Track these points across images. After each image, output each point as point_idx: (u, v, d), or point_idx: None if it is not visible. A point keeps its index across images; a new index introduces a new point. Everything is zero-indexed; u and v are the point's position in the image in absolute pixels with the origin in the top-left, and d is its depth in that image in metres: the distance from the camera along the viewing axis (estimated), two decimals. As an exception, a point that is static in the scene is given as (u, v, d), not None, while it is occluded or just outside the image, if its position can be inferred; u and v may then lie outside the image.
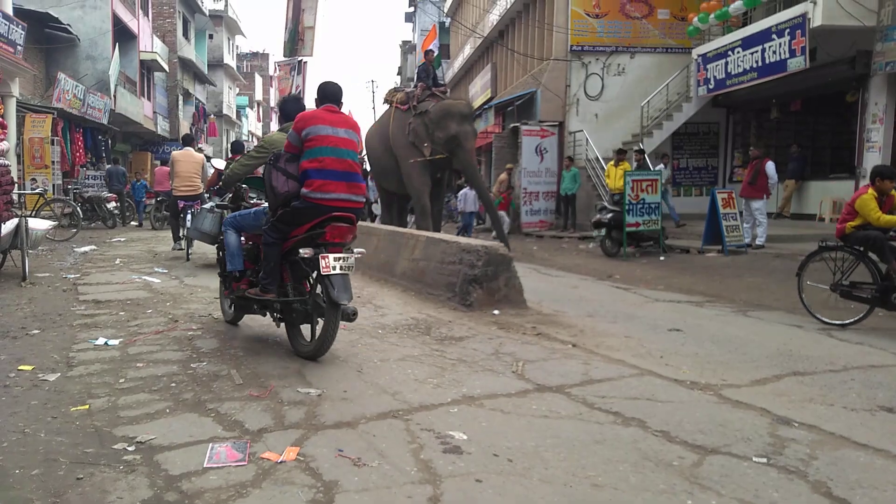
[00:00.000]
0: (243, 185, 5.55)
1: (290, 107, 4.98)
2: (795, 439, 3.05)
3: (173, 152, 10.68)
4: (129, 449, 2.85)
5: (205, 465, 2.69)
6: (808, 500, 2.47)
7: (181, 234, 10.24)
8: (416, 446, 2.91)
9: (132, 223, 18.55)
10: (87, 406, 3.39)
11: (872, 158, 12.67)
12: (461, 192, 17.08)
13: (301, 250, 4.25)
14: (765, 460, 2.81)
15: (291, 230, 4.43)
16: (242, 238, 4.90)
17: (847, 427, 3.22)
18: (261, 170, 4.84)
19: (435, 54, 14.34)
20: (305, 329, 4.51)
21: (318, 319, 4.37)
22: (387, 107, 14.09)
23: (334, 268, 4.17)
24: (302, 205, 4.31)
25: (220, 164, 8.11)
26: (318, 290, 4.37)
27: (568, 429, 3.15)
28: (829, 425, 3.24)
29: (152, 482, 2.54)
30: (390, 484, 2.55)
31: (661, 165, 15.10)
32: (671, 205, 15.06)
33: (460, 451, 2.86)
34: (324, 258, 4.16)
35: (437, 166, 12.54)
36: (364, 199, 4.70)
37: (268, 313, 4.76)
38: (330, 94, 4.60)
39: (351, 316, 4.24)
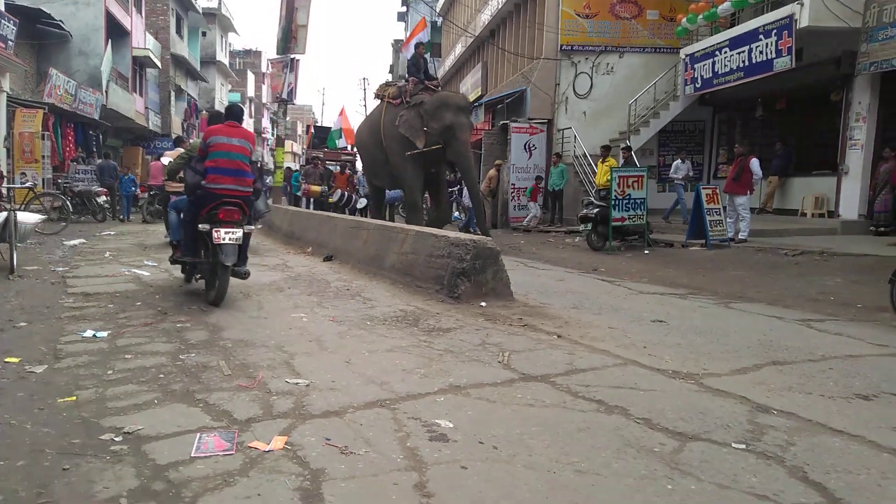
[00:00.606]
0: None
1: (213, 121, 6.55)
2: (774, 426, 3.11)
3: (166, 152, 12.54)
4: (117, 439, 2.86)
5: (192, 455, 2.70)
6: (785, 484, 2.52)
7: None
8: (403, 434, 2.95)
9: (120, 217, 18.45)
10: (74, 397, 3.40)
11: (855, 156, 12.85)
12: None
13: (200, 225, 5.82)
14: (744, 446, 2.86)
15: (199, 211, 5.91)
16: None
17: (824, 414, 3.28)
18: None
19: (424, 46, 14.10)
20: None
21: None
22: (378, 102, 13.87)
23: (223, 238, 5.70)
24: (203, 193, 5.88)
25: (167, 160, 9.82)
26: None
27: (552, 417, 3.20)
28: (806, 413, 3.30)
29: (139, 472, 2.56)
30: (377, 471, 2.58)
31: (679, 161, 15.38)
32: (682, 199, 15.23)
33: (446, 438, 2.90)
34: (216, 231, 5.71)
35: (431, 159, 12.32)
36: (250, 190, 6.12)
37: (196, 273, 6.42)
38: (232, 112, 6.37)
39: (242, 275, 5.98)
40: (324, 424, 3.06)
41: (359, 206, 18.67)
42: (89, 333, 4.74)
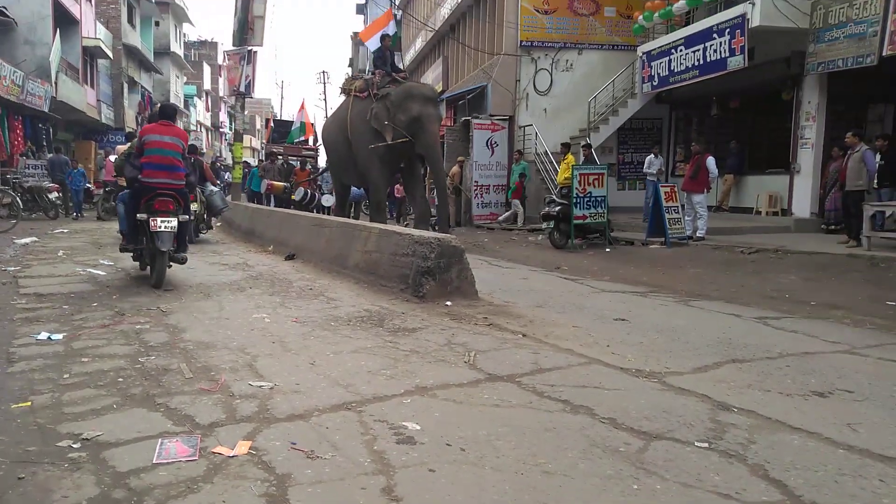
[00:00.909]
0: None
1: (151, 119, 7.62)
2: (735, 424, 3.18)
3: (117, 147, 13.03)
4: (75, 446, 2.78)
5: (154, 461, 2.64)
6: (748, 482, 2.58)
7: None
8: (370, 437, 2.93)
9: (72, 215, 17.97)
10: (29, 403, 3.30)
11: (805, 155, 13.23)
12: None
13: (138, 215, 6.52)
14: (706, 445, 2.92)
15: (138, 202, 6.57)
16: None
17: (783, 412, 3.37)
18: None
19: (391, 37, 13.85)
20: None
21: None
22: (343, 99, 13.65)
23: (159, 226, 6.41)
24: (139, 186, 6.62)
25: (113, 157, 11.08)
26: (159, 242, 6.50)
27: (519, 417, 3.21)
28: (765, 410, 3.38)
29: (99, 479, 2.49)
30: (344, 476, 2.56)
31: (652, 156, 15.04)
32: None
33: (413, 441, 2.90)
34: (152, 220, 6.42)
35: (399, 154, 12.02)
36: (183, 183, 6.79)
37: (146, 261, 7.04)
38: (165, 112, 7.16)
39: (180, 260, 6.86)
40: (289, 428, 3.02)
41: (325, 203, 18.34)
42: (44, 336, 4.60)
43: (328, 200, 18.04)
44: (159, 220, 6.45)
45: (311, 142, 24.09)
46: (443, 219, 12.50)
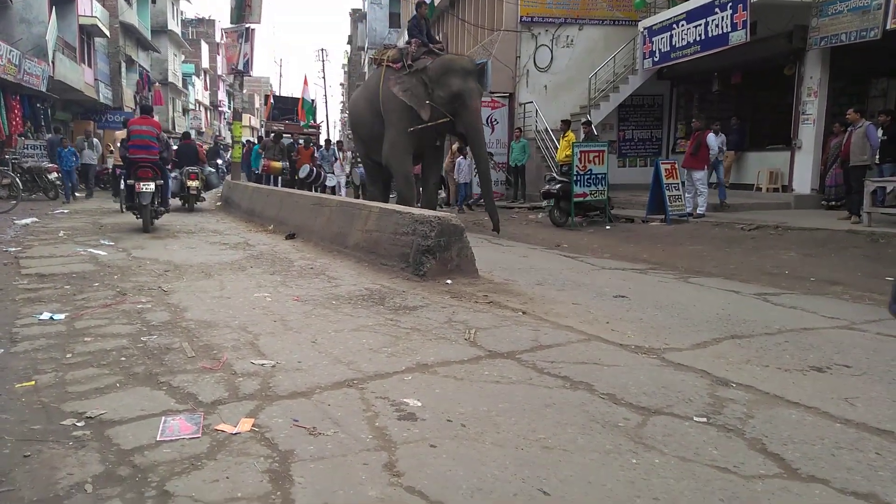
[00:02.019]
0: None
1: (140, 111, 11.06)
2: (733, 399, 3.20)
3: (116, 133, 14.88)
4: (79, 424, 2.80)
5: (158, 439, 2.67)
6: (745, 455, 2.61)
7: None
8: (371, 414, 2.96)
9: (77, 195, 17.72)
10: (33, 382, 3.32)
11: (807, 131, 13.16)
12: (457, 159, 16.20)
13: (128, 182, 9.81)
14: (705, 420, 2.95)
15: (129, 173, 9.80)
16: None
17: (781, 387, 3.40)
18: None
19: (427, 4, 12.72)
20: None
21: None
22: (374, 71, 12.58)
23: (141, 188, 9.57)
24: (128, 160, 9.88)
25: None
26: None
27: (519, 393, 3.24)
28: (764, 385, 3.41)
29: (103, 457, 2.52)
30: (346, 452, 2.59)
31: (712, 134, 12.58)
32: (721, 178, 13.30)
33: (415, 417, 2.92)
34: (137, 185, 9.58)
35: (434, 133, 11.25)
36: (156, 157, 9.86)
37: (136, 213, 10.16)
38: (144, 109, 10.83)
39: (157, 213, 10.27)
40: (291, 405, 3.05)
41: (329, 183, 17.94)
42: (46, 316, 4.62)
43: (332, 180, 17.83)
44: (141, 184, 9.58)
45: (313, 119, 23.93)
46: (489, 201, 11.34)
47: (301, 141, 20.07)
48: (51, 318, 4.59)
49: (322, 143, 22.09)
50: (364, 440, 2.69)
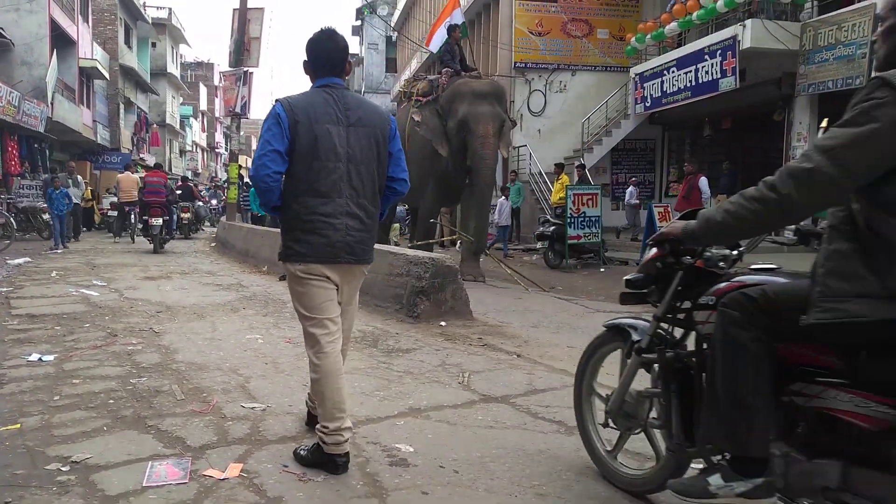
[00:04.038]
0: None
1: (149, 170, 17.35)
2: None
3: (118, 176, 16.86)
4: (64, 469, 2.75)
5: (144, 485, 2.62)
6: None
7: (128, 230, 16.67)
8: (363, 460, 2.91)
9: (54, 246, 13.72)
10: (18, 425, 3.26)
11: (799, 175, 13.29)
12: (497, 201, 15.03)
13: (144, 217, 13.82)
14: (703, 465, 2.90)
15: (144, 211, 13.82)
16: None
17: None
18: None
19: (459, 27, 11.40)
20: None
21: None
22: (403, 106, 11.61)
23: (152, 222, 13.45)
24: (143, 203, 14.14)
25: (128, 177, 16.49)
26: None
27: (513, 439, 3.20)
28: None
29: (87, 503, 2.47)
30: (336, 499, 2.54)
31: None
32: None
33: (407, 463, 2.88)
34: (150, 220, 13.48)
35: (459, 170, 9.89)
36: (163, 200, 13.95)
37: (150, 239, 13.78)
38: (156, 165, 17.75)
39: (165, 240, 14.13)
40: (281, 450, 3.01)
41: None
42: (35, 357, 4.56)
43: None
44: (152, 219, 13.45)
45: None
46: (479, 246, 10.25)
47: None
48: (40, 359, 4.54)
49: None
50: (355, 487, 2.64)
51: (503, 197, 15.39)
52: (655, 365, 2.52)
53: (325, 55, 2.92)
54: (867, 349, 1.80)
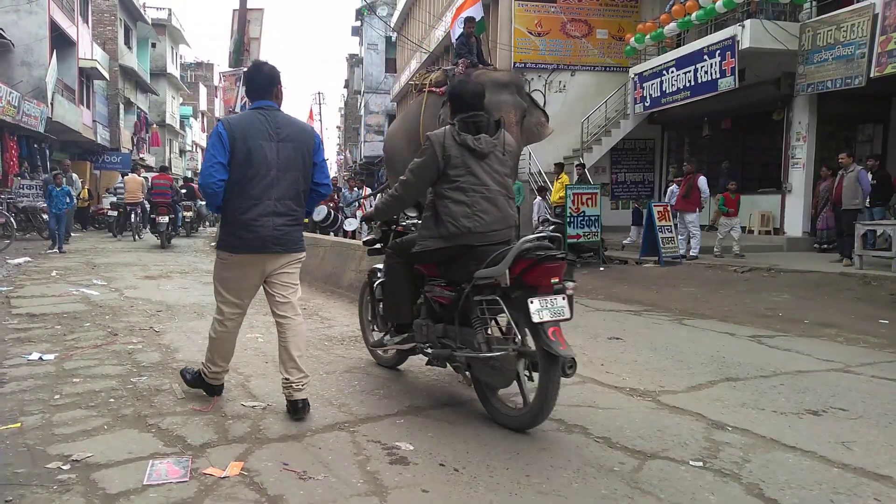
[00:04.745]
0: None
1: (159, 170, 18.91)
2: (729, 443, 3.17)
3: (124, 177, 17.90)
4: (64, 468, 2.75)
5: (144, 483, 2.62)
6: (742, 501, 2.57)
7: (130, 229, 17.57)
8: (363, 458, 2.91)
9: (52, 247, 13.20)
10: (18, 424, 3.26)
11: (797, 175, 13.33)
12: (535, 200, 14.90)
13: (152, 215, 15.61)
14: (701, 464, 2.91)
15: (152, 210, 15.54)
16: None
17: (777, 430, 3.37)
18: None
19: (476, 21, 10.97)
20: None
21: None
22: (415, 99, 11.04)
23: (159, 220, 14.96)
24: (151, 203, 15.65)
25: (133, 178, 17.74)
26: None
27: (512, 437, 3.20)
28: (760, 429, 3.38)
29: (88, 502, 2.47)
30: (336, 497, 2.54)
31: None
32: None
33: (407, 461, 2.88)
34: (157, 218, 15.04)
35: None
36: (169, 200, 15.51)
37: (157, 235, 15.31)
38: (162, 168, 18.75)
39: (170, 236, 15.69)
40: (281, 449, 3.01)
41: (347, 227, 16.16)
42: (35, 356, 4.57)
43: (351, 224, 16.00)
44: (160, 217, 14.84)
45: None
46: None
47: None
48: (40, 358, 4.54)
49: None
50: (355, 484, 2.65)
51: (539, 198, 15.10)
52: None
53: (256, 84, 3.54)
54: (442, 263, 3.61)
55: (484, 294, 3.32)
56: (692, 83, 14.47)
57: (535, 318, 3.14)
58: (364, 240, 4.74)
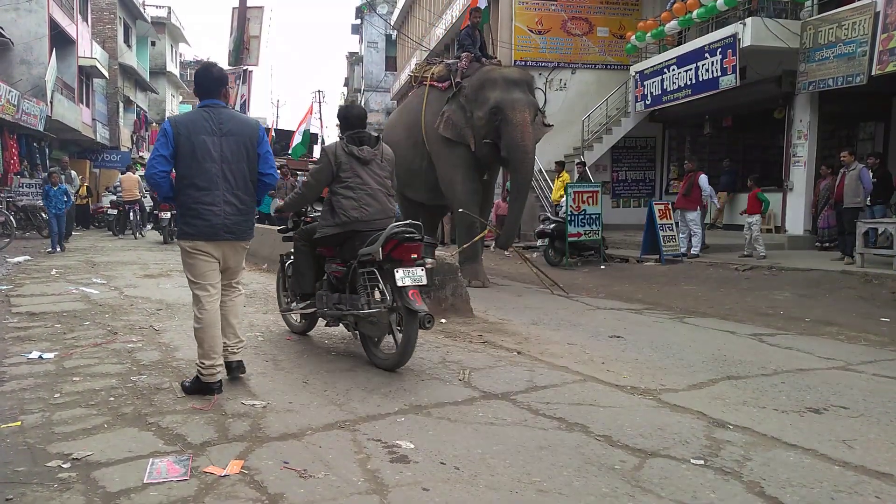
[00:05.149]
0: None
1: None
2: (730, 441, 3.17)
3: (121, 176, 17.77)
4: (65, 466, 2.75)
5: (145, 481, 2.62)
6: (743, 499, 2.57)
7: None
8: (363, 456, 2.91)
9: (50, 247, 12.98)
10: (19, 423, 3.26)
11: (798, 173, 13.31)
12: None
13: (154, 212, 16.89)
14: (702, 462, 2.91)
15: (155, 206, 16.88)
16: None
17: (778, 428, 3.36)
18: None
19: (481, 11, 10.78)
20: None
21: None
22: (413, 91, 10.89)
23: (162, 217, 15.31)
24: (155, 200, 16.23)
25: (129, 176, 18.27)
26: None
27: (513, 435, 3.20)
28: (761, 427, 3.37)
29: (89, 500, 2.47)
30: (337, 495, 2.54)
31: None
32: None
33: (407, 460, 2.88)
34: (160, 214, 15.55)
35: (490, 161, 9.31)
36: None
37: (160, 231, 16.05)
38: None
39: (172, 231, 14.42)
40: (281, 447, 3.00)
41: None
42: (35, 355, 4.57)
43: None
44: (161, 213, 15.16)
45: (317, 153, 23.40)
46: (509, 234, 9.79)
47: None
48: (40, 356, 4.54)
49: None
50: (355, 483, 2.64)
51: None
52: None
53: (206, 84, 3.87)
54: (337, 245, 4.59)
55: (366, 268, 4.32)
56: (693, 81, 14.45)
57: (399, 283, 4.18)
58: (278, 228, 6.12)
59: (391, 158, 4.78)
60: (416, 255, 4.29)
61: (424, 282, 4.28)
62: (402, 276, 4.17)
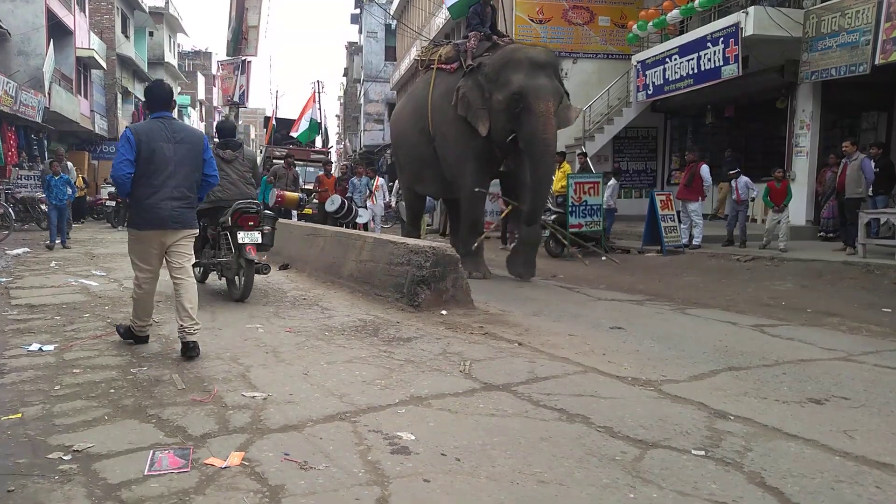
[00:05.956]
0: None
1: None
2: (731, 432, 3.16)
3: None
4: (65, 458, 2.75)
5: (146, 473, 2.62)
6: (744, 490, 2.56)
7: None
8: (364, 448, 2.91)
9: (50, 241, 12.37)
10: (19, 414, 3.26)
11: (801, 163, 13.27)
12: (609, 183, 13.51)
13: None
14: (703, 453, 2.90)
15: None
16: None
17: (779, 419, 3.35)
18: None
19: None
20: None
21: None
22: (421, 76, 10.40)
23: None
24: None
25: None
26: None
27: (514, 426, 3.19)
28: (762, 418, 3.36)
29: (90, 492, 2.46)
30: (337, 486, 2.54)
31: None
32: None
33: (408, 451, 2.87)
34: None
35: (505, 150, 8.62)
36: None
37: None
38: None
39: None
40: (282, 439, 3.00)
41: (359, 220, 14.38)
42: (35, 347, 4.57)
43: (363, 216, 14.53)
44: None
45: (319, 143, 23.06)
46: (535, 212, 8.79)
47: (321, 170, 16.84)
48: (40, 349, 4.54)
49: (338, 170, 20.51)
50: (356, 474, 2.64)
51: (613, 179, 14.12)
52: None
53: (158, 98, 4.63)
54: (211, 216, 6.66)
55: (224, 231, 6.43)
56: (695, 71, 14.40)
57: (240, 241, 6.26)
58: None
59: (252, 157, 7.04)
60: (252, 223, 6.34)
61: (259, 241, 6.34)
62: (243, 236, 6.21)
